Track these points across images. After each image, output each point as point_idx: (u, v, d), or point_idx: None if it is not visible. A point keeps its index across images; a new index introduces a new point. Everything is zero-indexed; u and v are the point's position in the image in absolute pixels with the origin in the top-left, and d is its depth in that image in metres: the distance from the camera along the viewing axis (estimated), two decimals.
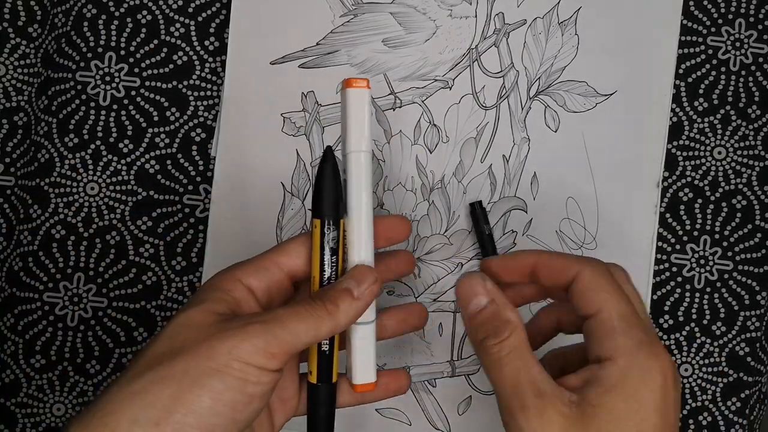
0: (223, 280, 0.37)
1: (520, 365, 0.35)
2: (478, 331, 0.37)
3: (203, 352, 0.33)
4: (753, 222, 0.53)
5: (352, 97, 0.38)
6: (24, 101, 0.52)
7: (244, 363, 0.33)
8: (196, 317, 0.35)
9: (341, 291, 0.37)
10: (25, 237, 0.51)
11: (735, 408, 0.53)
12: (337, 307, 0.36)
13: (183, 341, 0.34)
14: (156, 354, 0.34)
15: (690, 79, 0.53)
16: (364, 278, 0.37)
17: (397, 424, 0.51)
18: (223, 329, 0.34)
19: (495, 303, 0.37)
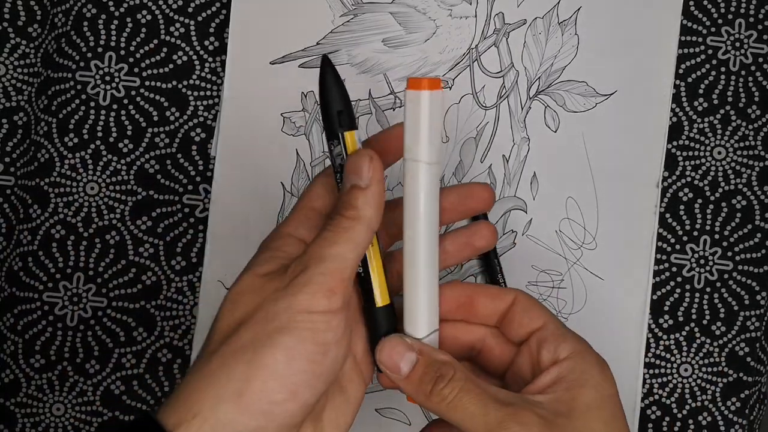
0: (272, 239, 0.37)
1: (478, 391, 0.35)
2: (423, 386, 0.36)
3: (264, 316, 0.33)
4: (753, 222, 0.53)
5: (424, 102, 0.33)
6: (24, 101, 0.52)
7: (306, 313, 0.33)
8: (246, 284, 0.35)
9: (348, 192, 0.35)
10: (24, 237, 0.51)
11: (735, 408, 0.53)
12: (356, 208, 0.35)
13: (242, 311, 0.34)
14: (222, 330, 0.34)
15: (690, 79, 0.53)
16: (359, 165, 0.35)
17: (397, 424, 0.51)
18: (274, 288, 0.34)
19: (423, 352, 0.36)
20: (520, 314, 0.39)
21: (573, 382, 0.36)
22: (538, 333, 0.38)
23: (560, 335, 0.38)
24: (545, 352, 0.38)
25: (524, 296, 0.39)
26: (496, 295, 0.39)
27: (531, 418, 0.34)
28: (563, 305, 0.51)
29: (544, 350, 0.38)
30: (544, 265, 0.52)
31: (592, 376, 0.36)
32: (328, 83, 0.35)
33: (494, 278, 0.50)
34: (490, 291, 0.40)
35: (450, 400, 0.35)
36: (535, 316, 0.39)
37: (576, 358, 0.37)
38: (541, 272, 0.52)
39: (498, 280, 0.50)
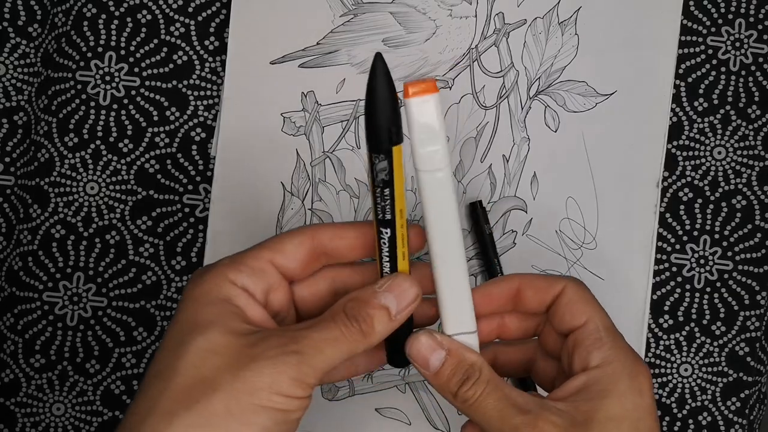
0: (222, 287, 0.34)
1: (499, 395, 0.35)
2: (450, 383, 0.36)
3: (241, 387, 0.32)
4: (753, 222, 0.53)
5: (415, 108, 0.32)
6: (24, 101, 0.52)
7: (285, 396, 0.32)
8: (218, 341, 0.33)
9: (378, 309, 0.34)
10: (24, 236, 0.51)
11: (735, 408, 0.53)
12: (373, 329, 0.34)
13: (213, 372, 0.32)
14: (185, 387, 0.32)
15: (690, 79, 0.53)
16: (404, 296, 0.35)
17: (397, 424, 0.51)
18: (254, 357, 0.32)
19: (452, 352, 0.36)
20: (563, 307, 0.38)
21: (597, 393, 0.35)
22: (577, 332, 0.37)
23: (597, 339, 0.36)
24: (577, 356, 0.37)
25: (573, 288, 0.38)
26: (544, 287, 0.38)
27: (545, 427, 0.34)
28: None
29: (577, 354, 0.37)
30: (544, 265, 0.52)
31: (618, 387, 0.35)
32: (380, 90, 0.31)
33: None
34: (538, 283, 0.39)
35: (473, 401, 0.35)
36: (577, 312, 0.37)
37: (606, 367, 0.36)
38: (541, 272, 0.52)
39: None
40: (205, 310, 0.34)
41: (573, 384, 0.36)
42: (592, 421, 0.34)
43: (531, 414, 0.34)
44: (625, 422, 0.35)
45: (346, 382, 0.50)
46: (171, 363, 0.33)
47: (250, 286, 0.35)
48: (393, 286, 0.35)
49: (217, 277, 0.35)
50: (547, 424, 0.34)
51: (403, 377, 0.51)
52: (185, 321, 0.34)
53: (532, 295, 0.39)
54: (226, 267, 0.35)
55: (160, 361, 0.33)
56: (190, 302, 0.34)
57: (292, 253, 0.36)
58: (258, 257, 0.36)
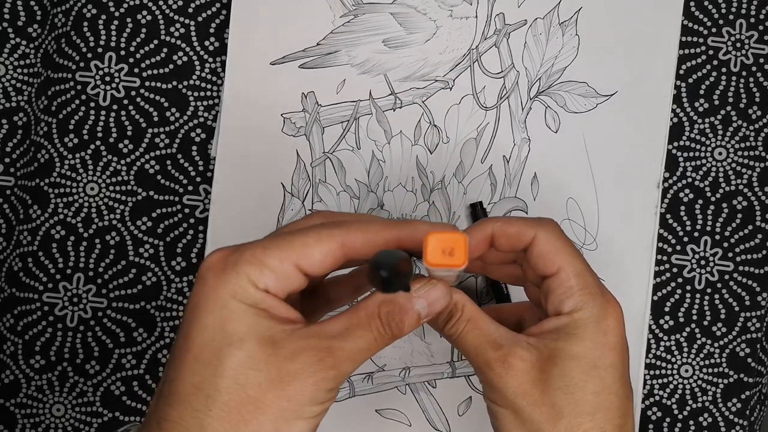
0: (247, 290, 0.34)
1: (477, 332, 0.38)
2: (437, 322, 0.39)
3: (287, 406, 0.33)
4: (753, 223, 0.53)
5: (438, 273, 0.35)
6: (24, 101, 0.52)
7: (322, 404, 0.34)
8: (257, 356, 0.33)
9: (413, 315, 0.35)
10: (24, 237, 0.51)
11: (735, 409, 0.53)
12: (402, 332, 0.35)
13: (257, 391, 0.33)
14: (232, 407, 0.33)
15: (691, 80, 0.53)
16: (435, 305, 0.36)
17: (397, 424, 0.51)
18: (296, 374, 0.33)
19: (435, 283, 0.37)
20: (536, 258, 0.39)
21: (564, 335, 0.38)
22: (549, 280, 0.39)
23: (567, 288, 0.38)
24: (550, 302, 0.39)
25: (544, 236, 0.39)
26: (515, 235, 0.39)
27: (513, 362, 0.37)
28: None
29: (549, 301, 0.39)
30: None
31: (585, 330, 0.38)
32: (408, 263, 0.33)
33: (494, 278, 0.50)
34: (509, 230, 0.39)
35: (456, 337, 0.38)
36: (549, 262, 0.39)
37: (574, 314, 0.38)
38: None
39: (498, 280, 0.50)
40: (235, 318, 0.33)
41: (546, 325, 0.38)
42: (555, 357, 0.37)
43: (503, 349, 0.37)
44: (585, 359, 0.37)
45: (347, 383, 0.50)
46: (211, 378, 0.33)
47: (273, 289, 0.34)
48: (429, 294, 0.36)
49: (243, 280, 0.34)
50: (516, 359, 0.37)
51: (403, 378, 0.51)
52: (216, 328, 0.33)
53: (504, 242, 0.40)
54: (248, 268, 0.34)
55: (196, 372, 0.33)
56: (218, 306, 0.34)
57: (319, 261, 0.35)
58: (282, 259, 0.34)
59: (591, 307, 0.38)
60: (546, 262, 0.39)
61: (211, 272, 0.34)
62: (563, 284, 0.38)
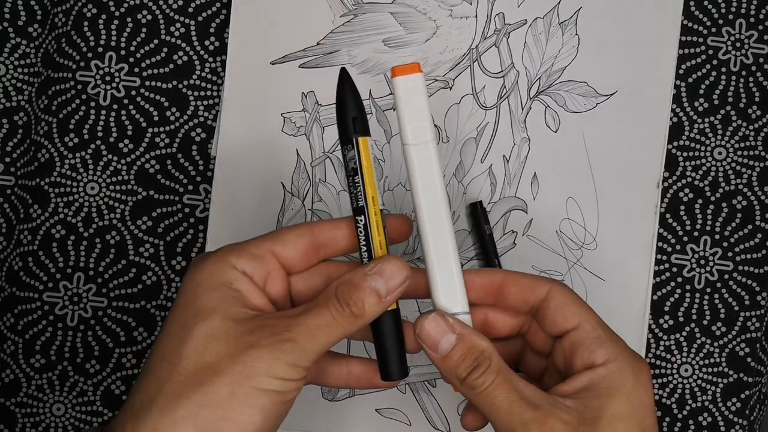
0: (223, 271, 0.36)
1: (509, 387, 0.35)
2: (458, 369, 0.36)
3: (242, 371, 0.34)
4: (753, 222, 0.53)
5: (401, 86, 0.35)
6: (24, 101, 0.52)
7: (281, 380, 0.34)
8: (219, 327, 0.34)
9: (369, 291, 0.35)
10: (25, 237, 0.51)
11: (735, 408, 0.53)
12: (363, 311, 0.35)
13: (215, 357, 0.34)
14: (191, 371, 0.34)
15: (690, 80, 0.53)
16: (394, 278, 0.36)
17: (397, 424, 0.51)
18: (253, 344, 0.34)
19: (463, 336, 0.36)
20: (554, 311, 0.38)
21: (604, 390, 0.36)
22: (572, 334, 0.37)
23: (596, 339, 0.37)
24: (579, 356, 0.37)
25: (559, 291, 0.38)
26: (528, 286, 0.38)
27: (555, 425, 0.34)
28: None
29: (578, 355, 0.37)
30: (544, 265, 0.52)
31: (624, 384, 0.36)
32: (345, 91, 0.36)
33: None
34: (522, 281, 0.39)
35: (481, 390, 0.35)
36: (569, 315, 0.37)
37: (610, 365, 0.36)
38: (542, 272, 0.52)
39: None
40: (206, 294, 0.35)
41: (578, 381, 0.36)
42: (600, 418, 0.35)
43: (541, 410, 0.35)
44: (632, 419, 0.35)
45: None
46: (176, 347, 0.34)
47: (250, 270, 0.36)
48: (383, 269, 0.36)
49: (219, 262, 0.36)
50: (557, 422, 0.34)
51: None
52: (187, 305, 0.35)
53: (515, 292, 0.39)
54: (227, 252, 0.36)
55: (164, 345, 0.35)
56: (192, 286, 0.36)
57: (292, 243, 0.37)
58: (259, 245, 0.37)
59: (625, 359, 0.36)
60: (565, 314, 0.37)
61: (193, 265, 0.37)
62: (590, 335, 0.37)
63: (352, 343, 0.50)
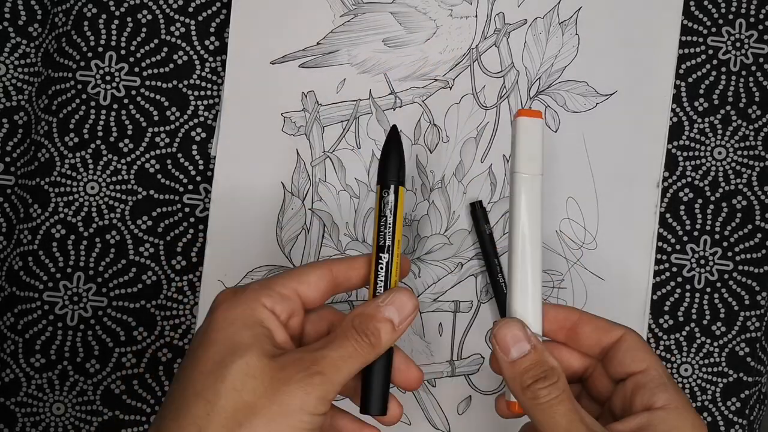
0: (255, 310, 0.37)
1: (571, 407, 0.36)
2: (524, 376, 0.37)
3: (278, 410, 0.35)
4: (753, 222, 0.53)
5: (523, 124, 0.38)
6: (24, 100, 0.52)
7: (311, 414, 0.35)
8: (255, 365, 0.35)
9: (383, 322, 0.38)
10: (25, 236, 0.51)
11: (735, 408, 0.53)
12: (380, 339, 0.37)
13: (252, 396, 0.35)
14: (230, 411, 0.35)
15: (690, 79, 0.53)
16: (405, 308, 0.38)
17: (397, 424, 0.51)
18: (286, 380, 0.35)
19: (537, 348, 0.37)
20: (623, 354, 0.39)
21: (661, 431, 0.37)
22: (637, 376, 0.39)
23: (660, 384, 0.38)
24: (639, 397, 0.38)
25: (633, 336, 0.40)
26: (603, 328, 0.40)
27: None
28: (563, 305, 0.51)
29: (639, 395, 0.38)
30: (544, 265, 0.51)
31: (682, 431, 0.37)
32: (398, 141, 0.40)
33: (494, 278, 0.50)
34: (597, 323, 0.40)
35: (543, 402, 0.36)
36: (638, 359, 0.39)
37: (671, 410, 0.37)
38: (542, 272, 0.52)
39: (498, 280, 0.50)
40: (241, 333, 0.36)
41: (635, 420, 0.37)
42: None
43: None
44: None
45: None
46: (213, 385, 0.35)
47: (278, 310, 0.38)
48: (394, 300, 0.38)
49: (252, 301, 0.37)
50: None
51: None
52: (223, 342, 0.36)
53: (589, 332, 0.40)
54: (257, 291, 0.38)
55: (199, 382, 0.36)
56: (227, 324, 0.37)
57: (315, 284, 0.39)
58: (285, 285, 0.39)
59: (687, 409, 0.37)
60: (634, 358, 0.39)
61: (224, 301, 0.38)
62: (655, 379, 0.38)
63: None
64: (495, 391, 0.51)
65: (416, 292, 0.51)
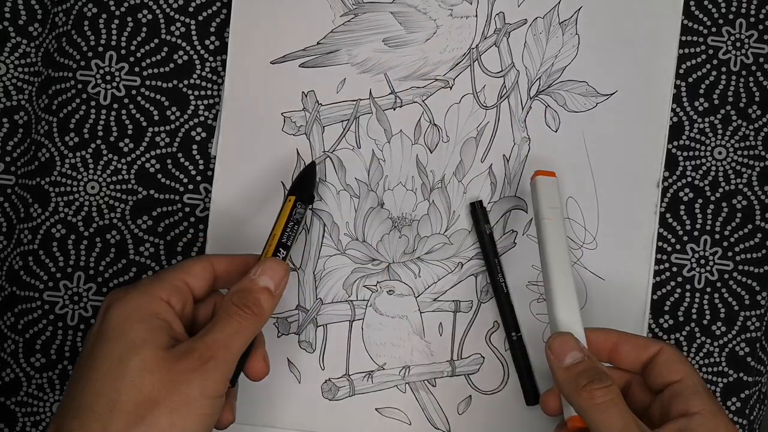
0: (151, 303, 0.39)
1: (625, 409, 0.39)
2: (579, 379, 0.40)
3: (178, 399, 0.37)
4: (753, 222, 0.53)
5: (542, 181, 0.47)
6: (24, 100, 0.52)
7: (212, 398, 0.38)
8: (151, 360, 0.37)
9: (262, 291, 0.41)
10: (25, 236, 0.51)
11: (735, 408, 0.53)
12: (262, 308, 0.40)
13: (151, 390, 0.37)
14: (130, 407, 0.36)
15: (690, 79, 0.53)
16: (277, 273, 0.41)
17: (397, 424, 0.51)
18: (183, 371, 0.37)
19: (591, 358, 0.41)
20: (661, 365, 0.42)
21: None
22: (674, 385, 0.41)
23: (696, 392, 0.41)
24: (676, 404, 0.41)
25: (669, 349, 0.43)
26: (642, 345, 0.44)
27: None
28: None
29: (676, 402, 0.41)
30: None
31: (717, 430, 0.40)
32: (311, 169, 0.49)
33: (494, 278, 0.50)
34: (636, 340, 0.44)
35: (599, 402, 0.39)
36: (675, 370, 0.42)
37: (706, 415, 0.40)
38: (542, 272, 0.52)
39: (498, 280, 0.50)
40: (136, 327, 0.38)
41: (674, 425, 0.40)
42: None
43: None
44: None
45: (346, 382, 0.50)
46: (112, 383, 0.37)
47: (173, 301, 0.40)
48: (265, 269, 0.41)
49: (145, 294, 0.39)
50: None
51: (403, 377, 0.51)
52: (118, 339, 0.38)
53: (629, 350, 0.43)
54: (151, 285, 0.40)
55: (98, 381, 0.37)
56: (120, 320, 0.39)
57: (200, 274, 0.42)
58: (175, 277, 0.41)
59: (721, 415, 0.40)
60: (671, 369, 0.42)
61: (116, 300, 0.39)
62: (690, 387, 0.41)
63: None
64: (495, 390, 0.51)
65: (416, 292, 0.51)
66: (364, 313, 0.51)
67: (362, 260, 0.51)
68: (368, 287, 0.51)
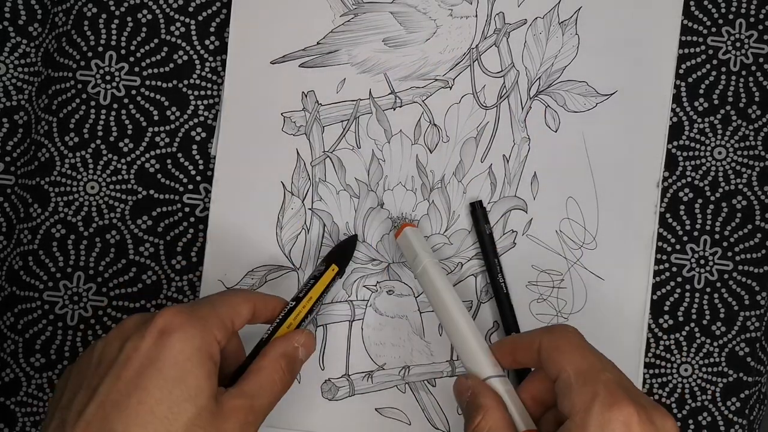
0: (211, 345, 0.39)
1: None
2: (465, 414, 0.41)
3: None
4: (753, 222, 0.53)
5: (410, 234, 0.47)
6: (24, 100, 0.52)
7: None
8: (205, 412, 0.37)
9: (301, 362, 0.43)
10: (25, 236, 0.51)
11: (735, 408, 0.53)
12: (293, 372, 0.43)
13: None
14: None
15: (690, 79, 0.53)
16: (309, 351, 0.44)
17: (397, 424, 0.51)
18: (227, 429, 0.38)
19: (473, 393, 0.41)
20: (544, 363, 0.40)
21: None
22: (557, 383, 0.38)
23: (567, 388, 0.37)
24: (560, 406, 0.38)
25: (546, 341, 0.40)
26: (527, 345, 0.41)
27: None
28: (563, 305, 0.52)
29: (558, 402, 0.38)
30: (544, 265, 0.52)
31: None
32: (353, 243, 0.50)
33: (494, 278, 0.50)
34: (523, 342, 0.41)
35: None
36: (552, 366, 0.39)
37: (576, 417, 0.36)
38: (542, 272, 0.52)
39: (498, 280, 0.50)
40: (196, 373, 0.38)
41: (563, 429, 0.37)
42: None
43: None
44: None
45: (346, 382, 0.50)
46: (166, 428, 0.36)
47: (221, 338, 0.40)
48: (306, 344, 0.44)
49: (206, 332, 0.39)
50: None
51: (403, 377, 0.51)
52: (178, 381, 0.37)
53: (524, 355, 0.41)
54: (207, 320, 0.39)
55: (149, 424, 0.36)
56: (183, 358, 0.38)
57: (243, 315, 0.42)
58: (225, 315, 0.41)
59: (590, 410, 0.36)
60: (549, 365, 0.39)
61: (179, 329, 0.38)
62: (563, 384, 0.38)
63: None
64: None
65: (416, 291, 0.51)
66: (363, 313, 0.51)
67: (362, 260, 0.51)
68: (368, 287, 0.51)
